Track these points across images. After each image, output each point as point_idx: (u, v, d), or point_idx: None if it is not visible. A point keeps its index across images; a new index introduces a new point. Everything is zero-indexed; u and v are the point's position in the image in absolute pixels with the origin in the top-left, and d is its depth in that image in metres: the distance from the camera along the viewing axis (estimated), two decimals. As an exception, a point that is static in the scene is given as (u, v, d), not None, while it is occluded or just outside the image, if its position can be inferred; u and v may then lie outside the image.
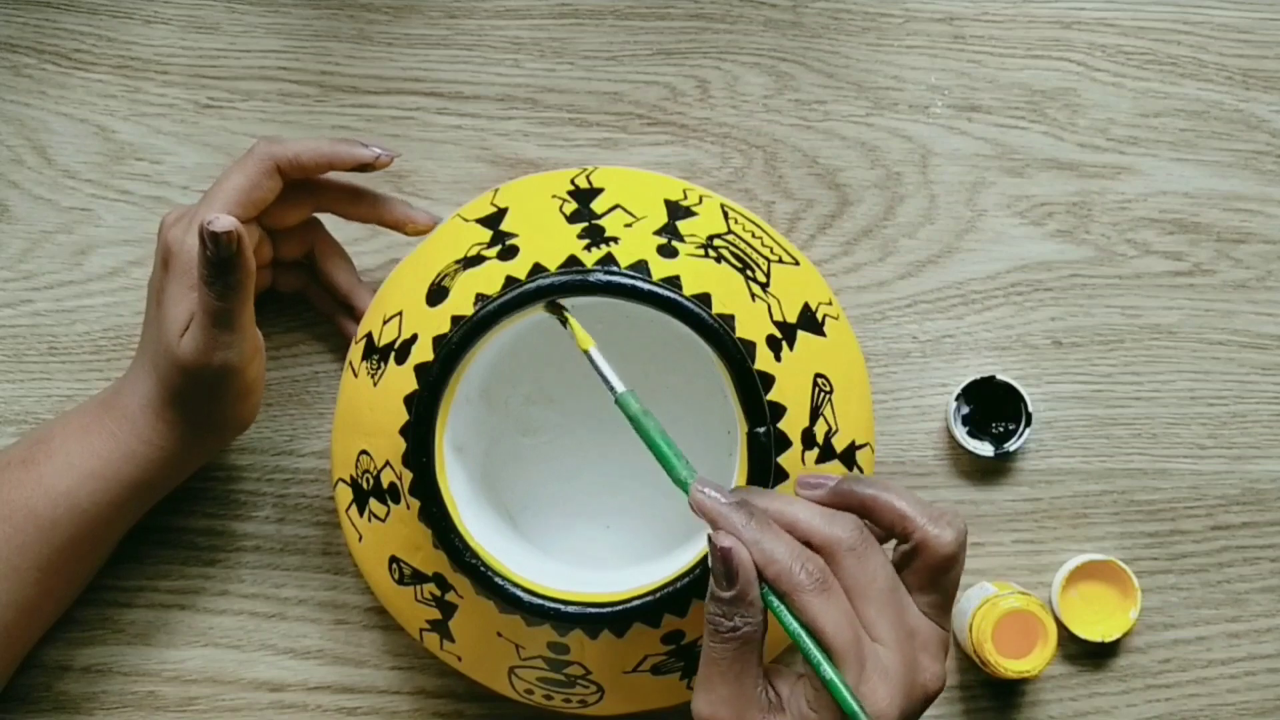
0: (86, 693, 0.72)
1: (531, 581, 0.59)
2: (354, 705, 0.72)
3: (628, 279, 0.59)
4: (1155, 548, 0.73)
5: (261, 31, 0.74)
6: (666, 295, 0.59)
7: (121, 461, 0.65)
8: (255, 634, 0.72)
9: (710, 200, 0.65)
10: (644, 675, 0.63)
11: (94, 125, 0.74)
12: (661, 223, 0.62)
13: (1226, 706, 0.72)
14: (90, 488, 0.65)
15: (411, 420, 0.59)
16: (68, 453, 0.65)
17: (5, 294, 0.73)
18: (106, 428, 0.65)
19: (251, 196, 0.65)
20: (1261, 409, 0.73)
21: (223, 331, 0.62)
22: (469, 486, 0.63)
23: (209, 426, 0.66)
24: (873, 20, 0.75)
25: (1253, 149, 0.74)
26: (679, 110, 0.74)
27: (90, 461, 0.65)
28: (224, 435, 0.67)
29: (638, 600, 0.59)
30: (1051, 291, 0.74)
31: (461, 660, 0.65)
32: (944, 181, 0.74)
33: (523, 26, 0.74)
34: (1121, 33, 0.75)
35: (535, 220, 0.63)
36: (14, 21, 0.74)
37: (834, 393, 0.63)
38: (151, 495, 0.67)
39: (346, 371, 0.66)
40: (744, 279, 0.62)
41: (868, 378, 0.66)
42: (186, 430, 0.65)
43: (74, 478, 0.64)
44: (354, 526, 0.65)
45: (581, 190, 0.64)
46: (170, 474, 0.66)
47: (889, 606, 0.53)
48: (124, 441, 0.65)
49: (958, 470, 0.73)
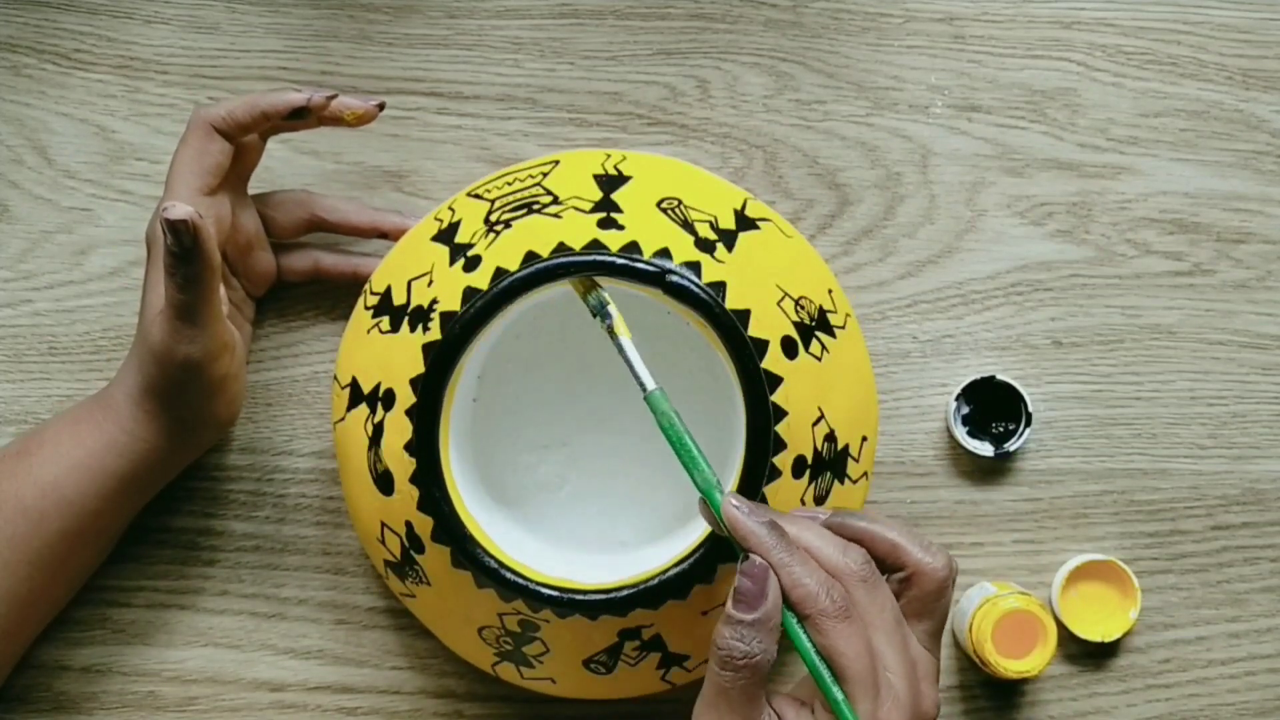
0: (86, 692, 0.72)
1: (525, 566, 0.60)
2: (354, 705, 0.72)
3: (650, 266, 0.59)
4: (1155, 548, 0.73)
5: (261, 31, 0.74)
6: (695, 292, 0.58)
7: (105, 452, 0.65)
8: (255, 634, 0.72)
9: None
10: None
11: (94, 125, 0.74)
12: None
13: (1226, 706, 0.72)
14: (76, 478, 0.65)
15: (428, 367, 0.59)
16: (58, 443, 0.65)
17: (5, 294, 0.73)
18: (94, 418, 0.65)
19: (202, 165, 0.65)
20: (1261, 409, 0.73)
21: (185, 324, 0.62)
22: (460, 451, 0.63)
23: (185, 421, 0.65)
24: (873, 20, 0.75)
25: (1253, 149, 0.74)
26: (679, 110, 0.74)
27: (76, 451, 0.65)
28: (202, 432, 0.67)
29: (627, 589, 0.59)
30: (1051, 291, 0.74)
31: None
32: (944, 181, 0.74)
33: (523, 26, 0.74)
34: (1121, 33, 0.75)
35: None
36: (14, 21, 0.74)
37: (839, 396, 0.63)
38: (139, 490, 0.67)
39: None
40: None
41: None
42: (167, 423, 0.65)
43: (61, 468, 0.65)
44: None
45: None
46: (155, 468, 0.66)
47: (896, 636, 0.54)
48: (108, 431, 0.65)
49: (958, 470, 0.73)
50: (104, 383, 0.72)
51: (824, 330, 0.63)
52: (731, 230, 0.63)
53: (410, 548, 0.63)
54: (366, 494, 0.64)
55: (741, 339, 0.59)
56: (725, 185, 0.67)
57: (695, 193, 0.65)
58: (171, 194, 0.65)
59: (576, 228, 0.61)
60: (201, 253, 0.60)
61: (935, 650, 0.56)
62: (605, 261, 0.59)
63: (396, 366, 0.62)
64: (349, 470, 0.65)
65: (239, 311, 0.70)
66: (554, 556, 0.63)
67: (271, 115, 0.66)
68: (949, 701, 0.72)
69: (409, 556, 0.63)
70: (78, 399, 0.72)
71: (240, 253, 0.69)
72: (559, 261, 0.59)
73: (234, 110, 0.66)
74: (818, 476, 0.62)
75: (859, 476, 0.65)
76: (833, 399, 0.63)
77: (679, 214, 0.63)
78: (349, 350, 0.66)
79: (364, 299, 0.66)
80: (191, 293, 0.61)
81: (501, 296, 0.59)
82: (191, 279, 0.61)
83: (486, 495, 0.65)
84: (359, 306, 0.66)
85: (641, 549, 0.65)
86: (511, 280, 0.59)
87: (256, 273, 0.70)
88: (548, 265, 0.59)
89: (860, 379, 0.65)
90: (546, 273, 0.59)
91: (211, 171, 0.66)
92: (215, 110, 0.66)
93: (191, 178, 0.65)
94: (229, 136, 0.66)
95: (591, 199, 0.63)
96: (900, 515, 0.72)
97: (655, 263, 0.59)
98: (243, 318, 0.71)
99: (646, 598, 0.59)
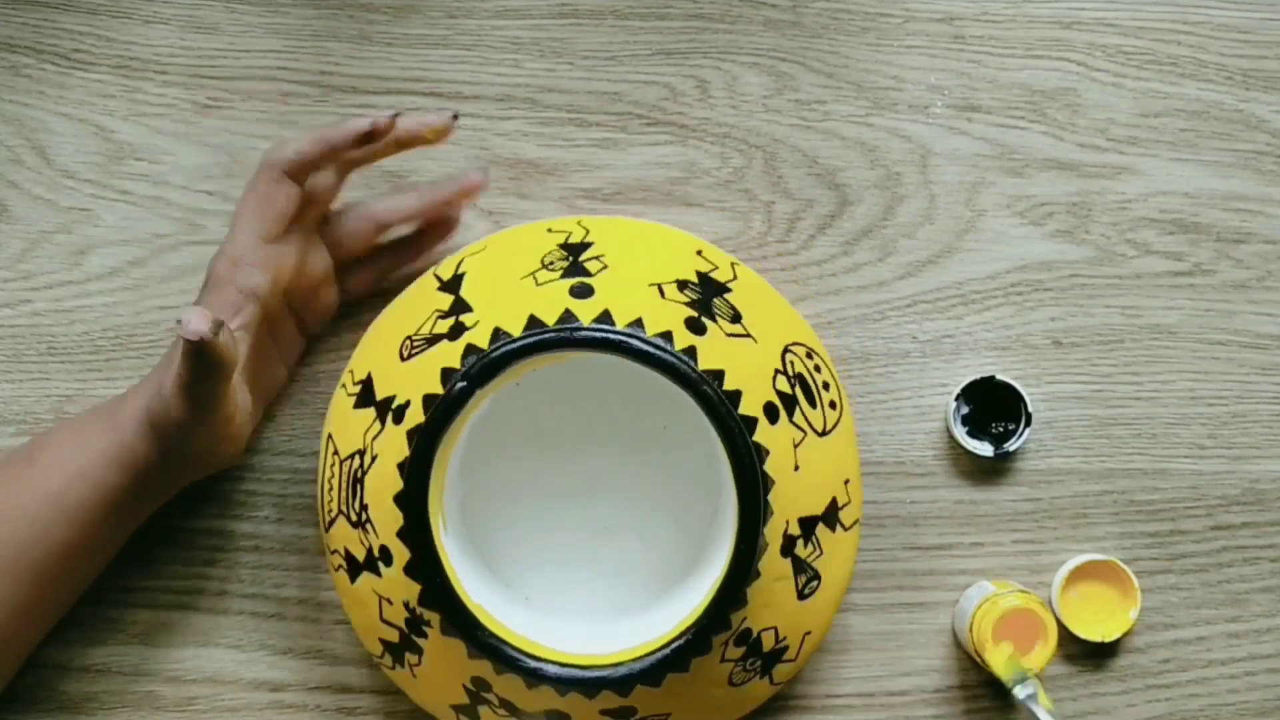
0: (86, 692, 0.72)
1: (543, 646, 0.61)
2: (354, 705, 0.72)
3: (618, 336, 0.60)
4: (1155, 548, 0.73)
5: (261, 31, 0.74)
6: (671, 361, 0.60)
7: (107, 463, 0.64)
8: (255, 634, 0.72)
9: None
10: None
11: (93, 125, 0.74)
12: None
13: (1226, 706, 0.72)
14: (79, 488, 0.64)
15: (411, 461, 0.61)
16: (61, 448, 0.65)
17: (4, 294, 0.73)
18: (100, 426, 0.65)
19: (267, 211, 0.65)
20: (1261, 409, 0.73)
21: (190, 404, 0.61)
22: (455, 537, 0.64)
23: (185, 455, 0.65)
24: (873, 20, 0.75)
25: (1253, 149, 0.74)
26: (679, 110, 0.74)
27: (80, 459, 0.64)
28: (202, 466, 0.67)
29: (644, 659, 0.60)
30: (1051, 291, 0.74)
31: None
32: (944, 181, 0.74)
33: (523, 26, 0.74)
34: (1121, 33, 0.75)
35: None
36: (13, 21, 0.74)
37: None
38: (138, 504, 0.66)
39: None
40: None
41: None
42: (166, 450, 0.64)
43: (63, 477, 0.64)
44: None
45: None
46: (154, 486, 0.66)
47: None
48: (110, 444, 0.64)
49: (958, 470, 0.73)
50: (103, 383, 0.73)
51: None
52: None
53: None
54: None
55: (731, 418, 0.60)
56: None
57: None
58: (234, 239, 0.65)
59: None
60: (207, 367, 0.59)
61: None
62: (596, 339, 0.60)
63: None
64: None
65: (281, 356, 0.70)
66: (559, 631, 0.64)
67: (340, 147, 0.65)
68: (949, 701, 0.72)
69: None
70: (77, 399, 0.72)
71: (305, 295, 0.69)
72: (533, 338, 0.60)
73: (302, 150, 0.65)
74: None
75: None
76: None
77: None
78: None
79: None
80: (200, 387, 0.61)
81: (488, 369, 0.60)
82: (203, 376, 0.60)
83: (483, 568, 0.66)
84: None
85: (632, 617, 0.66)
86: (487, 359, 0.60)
87: (318, 311, 0.70)
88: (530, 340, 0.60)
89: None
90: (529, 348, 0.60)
91: (276, 218, 0.65)
92: (283, 152, 0.65)
93: (256, 223, 0.65)
94: (298, 179, 0.65)
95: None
96: (900, 515, 0.73)
97: (669, 350, 0.60)
98: (281, 363, 0.70)
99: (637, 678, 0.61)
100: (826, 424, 0.65)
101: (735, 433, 0.59)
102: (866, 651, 0.72)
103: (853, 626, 0.72)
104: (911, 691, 0.72)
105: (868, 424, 0.73)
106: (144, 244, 0.73)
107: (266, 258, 0.65)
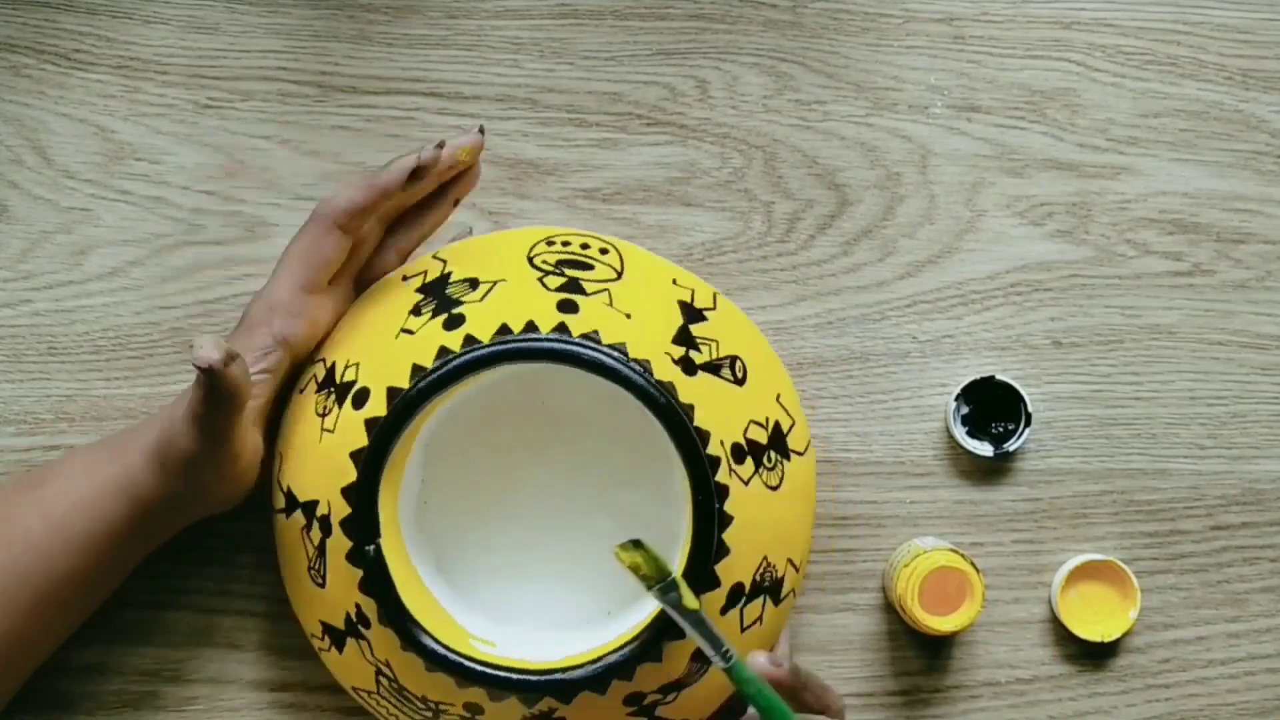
0: (86, 692, 0.72)
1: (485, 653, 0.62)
2: (354, 705, 0.72)
3: (581, 348, 0.61)
4: (1155, 548, 0.73)
5: (261, 31, 0.74)
6: (628, 375, 0.60)
7: (115, 493, 0.63)
8: (255, 634, 0.72)
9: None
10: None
11: (93, 125, 0.74)
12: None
13: (1226, 706, 0.72)
14: (85, 517, 0.63)
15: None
16: (71, 474, 0.64)
17: (5, 294, 0.73)
18: (111, 453, 0.64)
19: (312, 260, 0.64)
20: (1261, 409, 0.74)
21: (201, 435, 0.60)
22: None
23: (186, 495, 0.64)
24: (872, 20, 0.75)
25: (1253, 149, 0.74)
26: (679, 110, 0.74)
27: (88, 485, 0.64)
28: (206, 504, 0.65)
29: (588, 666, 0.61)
30: (1051, 292, 0.74)
31: None
32: (944, 182, 0.74)
33: (522, 26, 0.74)
34: (1121, 33, 0.75)
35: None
36: (13, 21, 0.74)
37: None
38: (141, 538, 0.65)
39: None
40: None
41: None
42: (171, 480, 0.63)
43: (69, 503, 0.63)
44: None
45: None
46: (153, 520, 0.64)
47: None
48: (118, 473, 0.63)
49: (957, 470, 0.73)
50: (103, 383, 0.73)
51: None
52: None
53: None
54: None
55: (697, 452, 0.61)
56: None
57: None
58: (274, 286, 0.64)
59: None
60: (226, 394, 0.58)
61: None
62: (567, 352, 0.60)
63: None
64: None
65: None
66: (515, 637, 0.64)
67: (391, 191, 0.64)
68: (948, 702, 0.72)
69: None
70: (77, 399, 0.72)
71: None
72: (496, 348, 0.60)
73: (355, 200, 0.64)
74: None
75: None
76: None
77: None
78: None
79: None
80: (211, 418, 0.60)
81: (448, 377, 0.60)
82: (214, 407, 0.59)
83: (439, 576, 0.66)
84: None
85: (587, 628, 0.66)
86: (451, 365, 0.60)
87: None
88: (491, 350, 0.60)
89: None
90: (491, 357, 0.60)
91: (322, 267, 0.64)
92: (337, 203, 0.64)
93: (300, 271, 0.64)
94: (350, 230, 0.64)
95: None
96: (899, 515, 0.73)
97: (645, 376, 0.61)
98: None
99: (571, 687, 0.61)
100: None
101: (697, 459, 0.60)
102: (866, 651, 0.72)
103: (853, 626, 0.72)
104: (911, 691, 0.72)
105: (868, 424, 0.73)
106: (144, 244, 0.73)
107: (305, 307, 0.65)
